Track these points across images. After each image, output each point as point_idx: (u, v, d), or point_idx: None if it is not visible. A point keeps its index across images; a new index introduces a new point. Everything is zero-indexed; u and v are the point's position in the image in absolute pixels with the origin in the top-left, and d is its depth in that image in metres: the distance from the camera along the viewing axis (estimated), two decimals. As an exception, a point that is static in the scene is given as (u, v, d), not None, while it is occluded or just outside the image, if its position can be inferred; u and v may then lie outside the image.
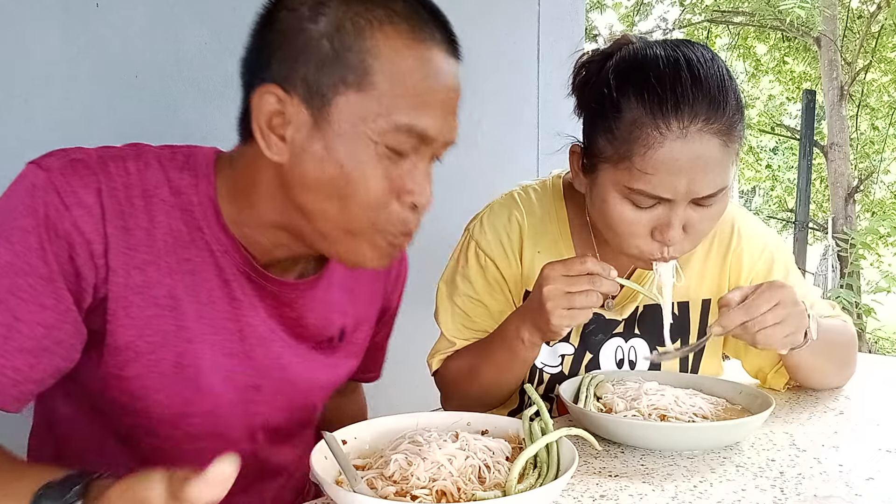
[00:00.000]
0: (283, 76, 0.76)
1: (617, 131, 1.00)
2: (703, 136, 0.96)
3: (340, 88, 0.75)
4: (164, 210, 0.80)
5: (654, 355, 1.12)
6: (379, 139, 0.76)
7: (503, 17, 2.32)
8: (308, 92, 0.75)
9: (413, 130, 0.76)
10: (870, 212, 9.36)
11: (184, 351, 0.82)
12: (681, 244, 1.04)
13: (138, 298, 0.79)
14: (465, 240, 1.25)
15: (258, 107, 0.77)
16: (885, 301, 6.44)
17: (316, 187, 0.77)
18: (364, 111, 0.75)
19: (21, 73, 1.30)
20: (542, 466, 0.79)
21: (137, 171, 0.80)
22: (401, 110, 0.76)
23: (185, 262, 0.81)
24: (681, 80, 0.97)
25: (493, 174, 2.22)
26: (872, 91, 9.87)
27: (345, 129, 0.75)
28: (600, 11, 9.35)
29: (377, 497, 0.71)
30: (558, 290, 0.97)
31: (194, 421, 0.86)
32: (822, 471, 0.89)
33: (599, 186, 1.06)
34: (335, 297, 0.96)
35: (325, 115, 0.75)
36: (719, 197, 1.02)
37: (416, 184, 0.79)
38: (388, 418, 0.91)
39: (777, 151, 14.14)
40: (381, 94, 0.75)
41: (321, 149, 0.76)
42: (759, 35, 10.17)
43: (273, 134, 0.77)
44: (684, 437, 0.95)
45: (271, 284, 0.87)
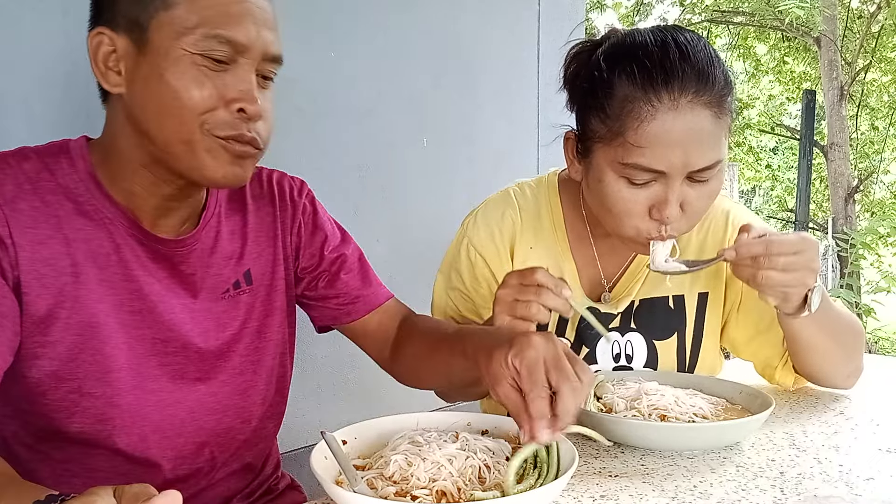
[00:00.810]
0: (109, 18, 0.87)
1: (609, 109, 1.02)
2: (694, 107, 0.98)
3: (152, 13, 0.85)
4: (49, 190, 0.88)
5: (658, 263, 1.07)
6: (193, 49, 0.84)
7: (503, 17, 2.32)
8: (129, 25, 0.86)
9: (221, 37, 0.85)
10: (870, 212, 9.37)
11: (95, 312, 0.89)
12: (678, 223, 1.04)
13: (49, 270, 0.87)
14: (460, 234, 1.28)
15: (93, 49, 0.87)
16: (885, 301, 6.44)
17: (152, 108, 0.86)
18: (175, 28, 0.84)
19: (21, 73, 1.30)
20: (542, 466, 0.79)
21: (17, 163, 0.88)
22: (205, 20, 0.84)
23: (79, 231, 0.89)
24: (669, 55, 0.99)
25: (493, 173, 2.22)
26: (872, 91, 9.88)
27: (163, 47, 0.85)
28: (600, 11, 9.37)
29: (377, 497, 0.71)
30: (507, 295, 0.98)
31: (119, 375, 0.91)
32: (822, 471, 0.89)
33: (595, 168, 1.07)
34: (226, 246, 1.02)
35: (145, 41, 0.85)
36: (714, 173, 1.02)
37: (240, 91, 0.87)
38: (388, 418, 0.91)
39: (777, 151, 14.15)
40: (186, 10, 0.84)
41: (148, 70, 0.85)
42: (759, 35, 10.18)
43: (110, 71, 0.87)
44: (684, 437, 0.95)
45: (160, 245, 0.95)
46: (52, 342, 0.87)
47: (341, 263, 1.12)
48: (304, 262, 1.11)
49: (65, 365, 0.88)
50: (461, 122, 2.20)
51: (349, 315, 1.13)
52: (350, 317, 1.13)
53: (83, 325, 0.89)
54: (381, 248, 1.87)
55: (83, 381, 0.89)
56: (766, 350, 1.23)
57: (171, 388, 0.96)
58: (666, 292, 1.21)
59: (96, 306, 0.89)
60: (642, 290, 1.21)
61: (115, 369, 0.91)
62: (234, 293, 1.02)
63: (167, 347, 0.95)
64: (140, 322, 0.93)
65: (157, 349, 0.95)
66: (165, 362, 0.95)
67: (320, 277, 1.11)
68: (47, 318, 0.87)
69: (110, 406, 0.91)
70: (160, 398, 0.95)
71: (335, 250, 1.12)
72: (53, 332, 0.87)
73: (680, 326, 1.22)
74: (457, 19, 2.16)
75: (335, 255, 1.12)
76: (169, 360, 0.96)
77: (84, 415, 0.90)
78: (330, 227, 1.14)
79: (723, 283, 1.23)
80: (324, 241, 1.12)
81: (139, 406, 0.93)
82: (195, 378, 0.98)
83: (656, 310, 1.21)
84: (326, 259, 1.11)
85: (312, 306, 1.14)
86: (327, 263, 1.11)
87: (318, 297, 1.12)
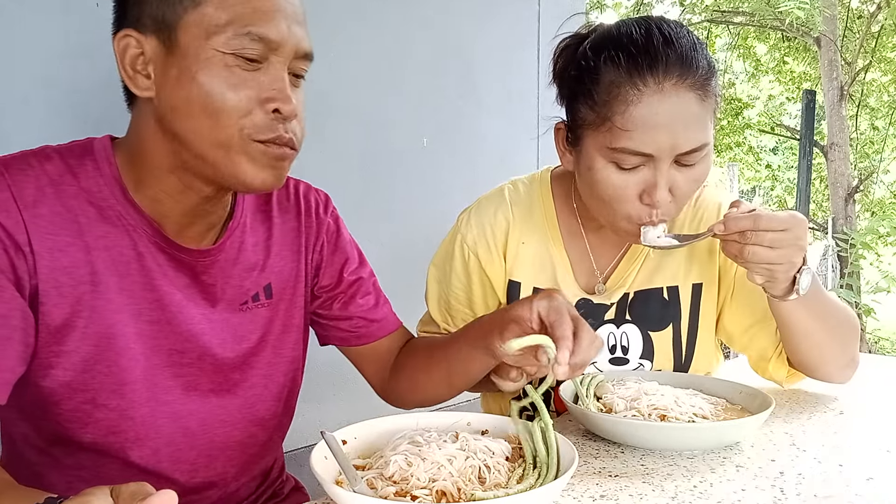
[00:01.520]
0: (135, 19, 0.84)
1: (596, 96, 1.04)
2: (679, 90, 1.00)
3: (180, 12, 0.82)
4: (71, 194, 0.86)
5: (650, 239, 1.08)
6: (224, 49, 0.82)
7: (503, 17, 2.32)
8: (156, 25, 0.83)
9: (252, 34, 0.82)
10: (870, 212, 9.37)
11: (112, 322, 0.87)
12: (668, 206, 1.05)
13: (67, 278, 0.84)
14: (454, 230, 1.29)
15: (119, 52, 0.85)
16: (885, 301, 6.44)
17: (184, 111, 0.83)
18: (204, 27, 0.82)
19: (21, 73, 1.30)
20: (542, 466, 0.79)
21: (39, 164, 0.85)
22: (236, 18, 0.82)
23: (100, 239, 0.87)
24: (653, 41, 1.02)
25: (493, 173, 2.21)
26: (872, 91, 9.88)
27: (193, 48, 0.82)
28: (600, 11, 9.36)
29: (377, 497, 0.71)
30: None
31: (134, 387, 0.90)
32: (822, 471, 0.89)
33: (585, 155, 1.08)
34: (250, 257, 1.00)
35: (174, 41, 0.83)
36: (702, 156, 1.04)
37: (274, 91, 0.84)
38: (388, 418, 0.91)
39: (777, 151, 14.15)
40: (215, 8, 0.82)
41: (178, 72, 0.83)
42: (759, 35, 10.18)
43: (139, 74, 0.85)
44: (684, 437, 0.95)
45: (183, 254, 0.92)
46: (66, 352, 0.85)
47: (358, 287, 1.11)
48: (324, 280, 1.09)
49: (79, 375, 0.86)
50: (461, 122, 2.20)
51: (359, 339, 1.13)
52: (360, 340, 1.13)
53: (100, 335, 0.86)
54: (380, 247, 1.87)
55: (97, 393, 0.88)
56: (760, 341, 1.22)
57: (183, 399, 0.95)
58: (660, 283, 1.22)
59: (114, 316, 0.87)
60: (636, 281, 1.22)
61: (130, 381, 0.89)
62: (252, 306, 1.00)
63: (183, 358, 0.94)
64: (158, 332, 0.91)
65: (172, 360, 0.93)
66: (180, 373, 0.94)
67: (336, 299, 1.10)
68: (63, 327, 0.85)
69: (123, 418, 0.90)
70: (173, 409, 0.94)
71: (354, 273, 1.11)
72: (69, 342, 0.85)
73: (675, 317, 1.22)
74: (457, 19, 2.17)
75: (353, 277, 1.11)
76: (184, 371, 0.94)
77: (97, 426, 0.89)
78: (350, 248, 1.12)
79: (716, 274, 1.23)
80: (344, 262, 1.10)
81: (153, 419, 0.92)
82: (208, 390, 0.97)
83: (651, 301, 1.21)
84: (345, 281, 1.10)
85: (323, 325, 1.13)
86: (345, 285, 1.10)
87: (331, 317, 1.11)
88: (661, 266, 1.22)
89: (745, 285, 1.17)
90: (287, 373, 1.05)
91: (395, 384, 1.15)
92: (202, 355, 0.95)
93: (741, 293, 1.21)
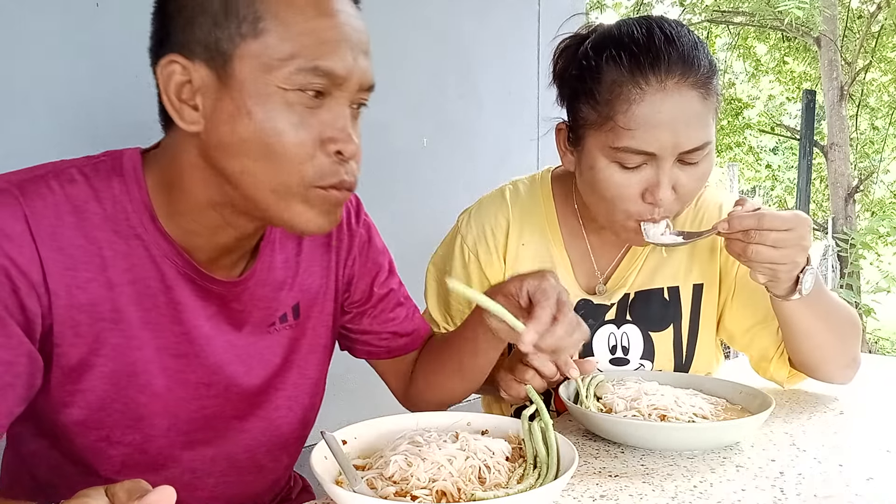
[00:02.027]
0: (183, 43, 0.75)
1: (598, 95, 1.04)
2: (682, 88, 1.00)
3: (237, 41, 0.73)
4: (96, 224, 0.79)
5: (654, 235, 1.07)
6: (286, 85, 0.74)
7: (503, 17, 2.32)
8: (208, 53, 0.74)
9: (318, 70, 0.75)
10: (870, 212, 9.36)
11: (134, 360, 0.82)
12: (670, 205, 1.05)
13: (85, 316, 0.78)
14: (454, 230, 1.30)
15: (163, 79, 0.76)
16: (885, 301, 6.44)
17: (236, 149, 0.76)
18: (265, 59, 0.74)
19: (21, 73, 1.30)
20: (542, 466, 0.79)
21: (61, 188, 0.77)
22: (301, 51, 0.74)
23: (125, 273, 0.80)
24: (654, 40, 1.02)
25: (493, 173, 2.22)
26: (872, 91, 9.87)
27: (251, 81, 0.74)
28: (600, 11, 9.35)
29: (377, 497, 0.71)
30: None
31: (152, 422, 0.86)
32: (822, 471, 0.89)
33: (587, 155, 1.08)
34: (278, 277, 0.94)
35: (229, 71, 0.74)
36: (705, 154, 1.04)
37: (337, 130, 0.78)
38: (388, 418, 0.91)
39: (777, 151, 14.14)
40: (278, 38, 0.73)
41: (232, 107, 0.75)
42: (759, 35, 10.17)
43: (185, 105, 0.76)
44: (684, 437, 0.95)
45: (214, 285, 0.87)
46: (82, 391, 0.81)
47: (389, 300, 1.07)
48: (355, 296, 1.04)
49: (94, 414, 0.82)
50: (461, 121, 2.20)
51: (389, 353, 1.10)
52: (390, 354, 1.10)
53: (118, 373, 0.82)
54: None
55: (111, 430, 0.84)
56: (762, 341, 1.21)
57: (206, 429, 0.91)
58: (661, 284, 1.22)
59: (135, 353, 0.82)
60: (637, 282, 1.22)
61: (148, 416, 0.85)
62: (280, 327, 0.95)
63: (210, 391, 0.90)
64: (185, 366, 0.86)
65: (199, 393, 0.89)
66: (205, 405, 0.90)
67: (366, 313, 1.06)
68: (80, 366, 0.80)
69: (140, 452, 0.86)
70: (194, 440, 0.90)
71: (384, 285, 1.06)
72: (85, 381, 0.81)
73: (676, 318, 1.22)
74: (457, 19, 2.17)
75: (384, 290, 1.06)
76: (210, 403, 0.90)
77: (111, 461, 0.86)
78: (382, 257, 1.07)
79: (717, 275, 1.22)
80: (376, 274, 1.05)
81: (171, 450, 0.89)
82: (232, 416, 0.93)
83: (651, 301, 1.21)
84: (375, 295, 1.06)
85: (352, 339, 1.09)
86: (376, 299, 1.06)
87: (361, 331, 1.07)
88: (662, 266, 1.22)
89: (747, 285, 1.17)
90: (312, 394, 1.01)
91: (413, 388, 1.13)
92: (229, 386, 0.91)
93: (743, 293, 1.21)
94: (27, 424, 0.86)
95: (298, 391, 0.99)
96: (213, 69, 0.75)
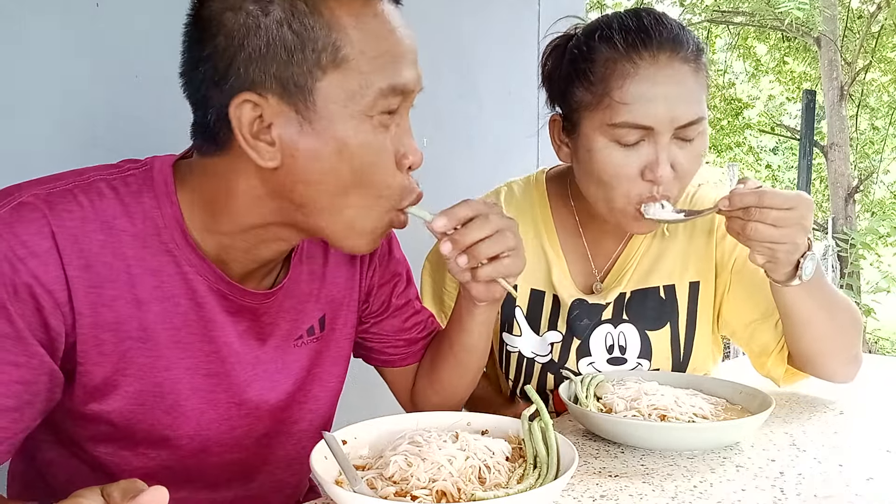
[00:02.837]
0: (253, 80, 0.72)
1: (593, 76, 1.07)
2: (673, 62, 1.04)
3: (317, 73, 0.72)
4: (125, 241, 0.77)
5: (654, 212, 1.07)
6: (372, 111, 0.74)
7: (503, 17, 2.32)
8: (284, 88, 0.72)
9: (397, 89, 0.75)
10: (870, 212, 9.36)
11: (162, 380, 0.81)
12: (670, 184, 1.06)
13: (110, 335, 0.77)
14: None
15: (238, 119, 0.73)
16: (885, 301, 6.45)
17: (320, 181, 0.75)
18: (350, 88, 0.73)
19: (21, 73, 1.29)
20: (542, 466, 0.79)
21: (90, 203, 0.76)
22: (382, 74, 0.74)
23: (154, 290, 0.79)
24: (643, 21, 1.06)
25: (493, 173, 2.21)
26: (872, 91, 9.87)
27: (336, 113, 0.73)
28: (600, 11, 9.35)
29: (377, 497, 0.71)
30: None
31: (180, 443, 0.85)
32: (822, 471, 0.89)
33: (583, 139, 1.09)
34: (305, 288, 0.94)
35: (310, 106, 0.73)
36: (700, 130, 1.06)
37: (407, 145, 0.80)
38: (388, 418, 0.91)
39: (777, 151, 14.13)
40: (360, 65, 0.73)
41: (316, 141, 0.74)
42: (759, 35, 10.17)
43: (260, 142, 0.74)
44: (684, 437, 0.95)
45: (247, 298, 0.86)
46: (108, 411, 0.80)
47: (405, 309, 1.07)
48: (373, 306, 1.04)
49: (118, 430, 0.81)
50: (461, 121, 2.20)
51: (404, 360, 1.10)
52: (405, 361, 1.10)
53: (145, 394, 0.80)
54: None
55: (136, 445, 0.83)
56: (762, 336, 1.20)
57: (235, 448, 0.90)
58: (657, 283, 1.21)
59: (163, 374, 0.81)
60: (632, 280, 1.21)
61: (176, 437, 0.84)
62: (307, 340, 0.94)
63: (241, 410, 0.88)
64: (216, 386, 0.85)
65: (230, 413, 0.87)
66: (235, 426, 0.88)
67: (382, 323, 1.06)
68: (104, 385, 0.78)
69: (163, 468, 0.85)
70: (221, 459, 0.89)
71: (402, 296, 1.07)
72: (109, 401, 0.79)
73: (672, 316, 1.21)
74: (456, 19, 2.16)
75: (402, 301, 1.07)
76: (239, 424, 0.89)
77: (133, 473, 0.82)
78: (401, 268, 1.08)
79: (713, 271, 1.22)
80: (394, 285, 1.06)
81: (197, 466, 0.87)
82: (260, 434, 0.92)
83: (648, 300, 1.21)
84: (393, 305, 1.06)
85: (367, 348, 1.09)
86: (393, 309, 1.06)
87: (376, 340, 1.07)
88: (658, 265, 1.22)
89: (745, 279, 1.17)
90: (330, 405, 1.01)
91: (417, 389, 1.12)
92: (259, 405, 0.90)
93: (743, 287, 1.20)
94: (45, 433, 0.85)
95: (319, 404, 0.99)
96: (291, 104, 0.73)
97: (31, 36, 1.30)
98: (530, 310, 1.24)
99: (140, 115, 1.45)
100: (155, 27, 1.46)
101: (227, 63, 0.73)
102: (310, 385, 0.97)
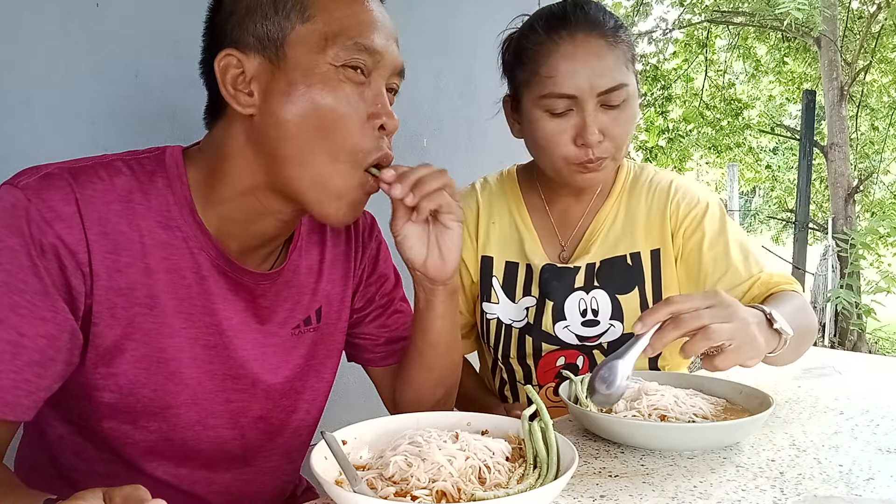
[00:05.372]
0: (236, 39, 0.84)
1: (526, 58, 1.23)
2: (590, 38, 1.18)
3: (287, 28, 0.83)
4: (140, 214, 0.84)
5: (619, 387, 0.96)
6: (335, 62, 0.83)
7: (503, 17, 2.32)
8: (260, 43, 0.83)
9: (360, 45, 0.84)
10: (870, 212, 9.37)
11: (165, 346, 0.86)
12: (603, 147, 1.18)
13: (122, 300, 0.82)
14: None
15: (220, 72, 0.83)
16: (885, 301, 6.44)
17: (289, 126, 0.83)
18: (314, 40, 0.82)
19: (21, 73, 1.30)
20: (542, 466, 0.79)
21: (110, 177, 0.83)
22: (344, 30, 0.83)
23: (163, 262, 0.85)
24: (566, 10, 1.22)
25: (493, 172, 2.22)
26: (872, 91, 9.87)
27: (304, 62, 0.82)
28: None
29: (377, 497, 0.71)
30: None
31: (178, 412, 0.89)
32: (822, 471, 0.89)
33: (525, 113, 1.24)
34: (303, 281, 1.00)
35: (282, 57, 0.83)
36: (623, 97, 1.18)
37: (379, 106, 0.86)
38: (388, 418, 0.91)
39: (777, 152, 14.15)
40: (324, 22, 0.83)
41: (286, 86, 0.82)
42: (759, 35, 10.17)
43: (240, 92, 0.84)
44: (684, 437, 0.95)
45: (245, 277, 0.91)
46: (114, 374, 0.84)
47: (387, 307, 1.11)
48: (358, 303, 1.09)
49: (123, 398, 0.85)
50: (461, 122, 2.20)
51: (385, 359, 1.13)
52: (386, 361, 1.13)
53: (149, 359, 0.85)
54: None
55: (139, 415, 0.87)
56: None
57: (229, 426, 0.93)
58: (623, 251, 1.31)
59: (167, 340, 0.86)
60: (599, 251, 1.31)
61: (175, 405, 0.88)
62: (304, 329, 0.99)
63: (236, 384, 0.93)
64: (214, 357, 0.90)
65: (226, 385, 0.92)
66: (231, 399, 0.93)
67: (365, 321, 1.10)
68: (114, 349, 0.83)
69: (164, 440, 0.89)
70: (218, 434, 0.92)
71: (387, 295, 1.11)
72: (118, 364, 0.84)
73: (640, 281, 1.30)
74: (456, 19, 2.17)
75: (386, 300, 1.11)
76: (235, 398, 0.93)
77: (136, 447, 0.88)
78: (388, 270, 1.13)
79: (670, 239, 1.30)
80: (381, 285, 1.11)
81: (196, 442, 0.91)
82: (257, 415, 0.96)
83: (616, 268, 1.31)
84: (377, 303, 1.10)
85: (354, 345, 1.13)
86: (376, 307, 1.10)
87: (360, 337, 1.11)
88: (622, 236, 1.32)
89: (688, 271, 1.28)
90: (326, 398, 1.05)
91: (397, 390, 1.14)
92: (255, 382, 0.94)
93: (693, 255, 1.27)
94: (54, 410, 0.88)
95: (316, 395, 1.03)
96: (266, 56, 0.83)
97: (31, 36, 1.30)
98: (506, 279, 1.35)
99: (140, 115, 1.45)
100: (155, 27, 1.46)
101: (221, 28, 0.86)
102: (307, 375, 1.01)
